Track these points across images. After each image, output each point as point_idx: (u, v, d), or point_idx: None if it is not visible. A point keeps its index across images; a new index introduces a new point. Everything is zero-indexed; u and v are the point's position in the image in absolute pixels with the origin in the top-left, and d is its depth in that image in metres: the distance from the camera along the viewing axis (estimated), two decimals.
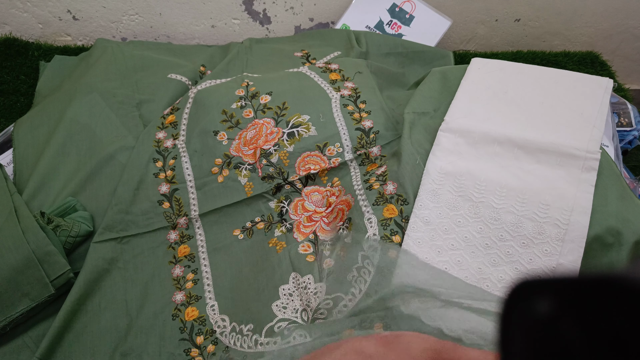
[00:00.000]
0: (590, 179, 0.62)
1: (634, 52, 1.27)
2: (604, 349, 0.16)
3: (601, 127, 0.66)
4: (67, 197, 0.76)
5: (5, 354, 0.66)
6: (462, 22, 1.17)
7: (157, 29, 1.14)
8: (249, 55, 1.00)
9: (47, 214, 0.71)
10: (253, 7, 1.11)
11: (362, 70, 0.87)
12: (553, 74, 0.74)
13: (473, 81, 0.76)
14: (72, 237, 0.70)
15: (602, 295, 0.16)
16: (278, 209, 0.75)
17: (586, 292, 0.16)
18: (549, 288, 0.17)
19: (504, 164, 0.66)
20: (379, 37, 1.03)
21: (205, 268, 0.73)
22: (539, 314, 0.17)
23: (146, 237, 0.75)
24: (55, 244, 0.67)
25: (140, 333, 0.67)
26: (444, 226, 0.63)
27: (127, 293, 0.71)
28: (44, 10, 1.09)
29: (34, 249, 0.65)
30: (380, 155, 0.75)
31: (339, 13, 1.12)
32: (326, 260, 0.69)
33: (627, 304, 0.15)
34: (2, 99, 0.97)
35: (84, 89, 0.88)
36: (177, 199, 0.77)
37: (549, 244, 0.59)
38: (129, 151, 0.81)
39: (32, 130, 0.86)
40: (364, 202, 0.68)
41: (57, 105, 0.88)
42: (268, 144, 0.76)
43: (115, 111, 0.87)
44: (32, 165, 0.81)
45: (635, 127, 0.89)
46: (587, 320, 0.16)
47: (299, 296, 0.66)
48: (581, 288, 0.16)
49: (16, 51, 1.06)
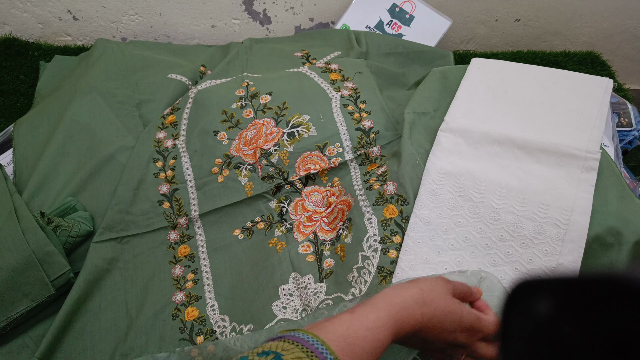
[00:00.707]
0: (590, 179, 0.62)
1: (634, 52, 1.27)
2: (604, 349, 0.16)
3: (601, 127, 0.66)
4: (67, 197, 0.76)
5: (5, 354, 0.66)
6: (462, 22, 1.17)
7: (157, 29, 1.14)
8: (249, 55, 1.00)
9: (47, 214, 0.71)
10: (253, 7, 1.11)
11: (362, 70, 0.87)
12: (553, 74, 0.74)
13: (473, 81, 0.76)
14: (72, 237, 0.70)
15: (602, 295, 0.16)
16: (278, 209, 0.75)
17: (586, 292, 0.16)
18: (549, 288, 0.17)
19: (504, 164, 0.66)
20: (379, 37, 1.03)
21: (205, 268, 0.73)
22: (539, 313, 0.17)
23: (146, 237, 0.75)
24: (55, 244, 0.67)
25: (141, 333, 0.67)
26: (444, 226, 0.63)
27: (127, 293, 0.71)
28: (44, 10, 1.09)
29: (34, 249, 0.65)
30: (380, 155, 0.75)
31: (339, 13, 1.12)
32: (326, 260, 0.69)
33: (627, 304, 0.15)
34: (2, 99, 0.97)
35: (84, 89, 0.88)
36: (177, 199, 0.77)
37: (549, 244, 0.59)
38: (129, 151, 0.81)
39: (32, 130, 0.86)
40: (364, 202, 0.68)
41: (57, 105, 0.88)
42: (268, 144, 0.76)
43: (115, 111, 0.87)
44: (32, 165, 0.81)
45: (635, 127, 0.89)
46: (587, 320, 0.16)
47: (299, 296, 0.66)
48: (581, 288, 0.16)
49: (16, 51, 1.06)
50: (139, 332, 0.67)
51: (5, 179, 0.76)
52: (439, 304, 0.44)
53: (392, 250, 0.62)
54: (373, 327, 0.41)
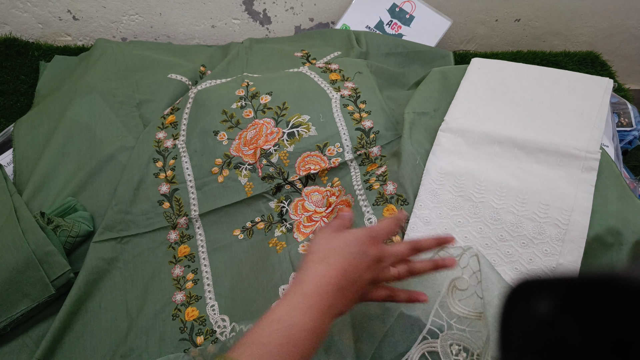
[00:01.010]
0: (590, 179, 0.62)
1: (634, 52, 1.27)
2: (604, 349, 0.16)
3: (601, 127, 0.66)
4: (67, 197, 0.76)
5: (5, 354, 0.66)
6: (462, 22, 1.17)
7: (157, 29, 1.14)
8: (249, 56, 1.00)
9: (47, 214, 0.71)
10: (253, 7, 1.11)
11: (362, 70, 0.87)
12: (553, 74, 0.74)
13: (473, 81, 0.76)
14: (72, 237, 0.70)
15: (602, 295, 0.16)
16: (278, 209, 0.75)
17: (586, 292, 0.16)
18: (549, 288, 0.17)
19: (504, 164, 0.66)
20: (379, 37, 1.02)
21: (205, 268, 0.73)
22: (539, 313, 0.17)
23: (146, 237, 0.75)
24: (56, 244, 0.67)
25: (141, 333, 0.67)
26: (444, 226, 0.63)
27: (127, 293, 0.71)
28: (44, 10, 1.09)
29: (34, 249, 0.65)
30: (380, 155, 0.75)
31: (339, 13, 1.12)
32: None
33: (627, 304, 0.15)
34: (2, 99, 0.97)
35: (84, 89, 0.88)
36: (177, 199, 0.77)
37: (549, 244, 0.59)
38: (129, 151, 0.81)
39: (32, 130, 0.86)
40: (364, 202, 0.68)
41: (57, 105, 0.88)
42: (268, 144, 0.76)
43: (116, 111, 0.87)
44: (32, 165, 0.81)
45: (635, 127, 0.89)
46: (587, 320, 0.16)
47: None
48: (581, 288, 0.16)
49: (16, 51, 1.06)
50: (139, 332, 0.67)
51: (5, 179, 0.76)
52: (357, 275, 0.45)
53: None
54: (299, 331, 0.40)
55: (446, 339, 0.52)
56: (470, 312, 0.52)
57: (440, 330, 0.53)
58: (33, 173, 0.79)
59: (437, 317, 0.53)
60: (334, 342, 0.53)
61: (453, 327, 0.52)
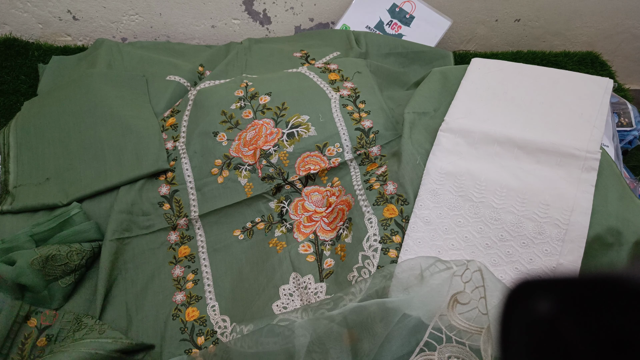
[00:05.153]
0: (590, 179, 0.62)
1: (634, 52, 1.27)
2: (604, 349, 0.16)
3: (601, 127, 0.66)
4: (70, 206, 0.74)
5: None
6: (462, 22, 1.17)
7: (157, 29, 1.14)
8: (248, 56, 1.00)
9: (41, 232, 0.69)
10: (253, 7, 1.11)
11: (361, 70, 0.87)
12: (553, 74, 0.74)
13: (473, 81, 0.76)
14: (74, 263, 0.69)
15: (602, 295, 0.16)
16: (278, 209, 0.75)
17: (586, 292, 0.16)
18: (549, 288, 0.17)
19: (504, 164, 0.66)
20: (379, 38, 1.02)
21: (205, 268, 0.73)
22: (539, 313, 0.17)
23: (147, 238, 0.75)
24: (39, 287, 0.66)
25: (141, 333, 0.67)
26: (444, 226, 0.63)
27: (127, 293, 0.71)
28: (44, 10, 1.09)
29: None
30: (380, 155, 0.75)
31: (339, 13, 1.12)
32: (326, 260, 0.69)
33: (627, 304, 0.15)
34: (2, 99, 0.97)
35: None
36: (177, 200, 0.77)
37: (549, 244, 0.59)
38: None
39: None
40: (364, 202, 0.68)
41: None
42: (268, 145, 0.76)
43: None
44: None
45: (635, 127, 0.89)
46: (587, 320, 0.16)
47: (299, 296, 0.66)
48: (581, 288, 0.16)
49: (16, 51, 1.06)
50: (139, 332, 0.67)
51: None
52: None
53: (392, 250, 0.62)
54: None
55: (444, 352, 0.52)
56: (471, 326, 0.52)
57: (439, 342, 0.53)
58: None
59: (437, 329, 0.53)
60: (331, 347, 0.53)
61: (452, 339, 0.52)
